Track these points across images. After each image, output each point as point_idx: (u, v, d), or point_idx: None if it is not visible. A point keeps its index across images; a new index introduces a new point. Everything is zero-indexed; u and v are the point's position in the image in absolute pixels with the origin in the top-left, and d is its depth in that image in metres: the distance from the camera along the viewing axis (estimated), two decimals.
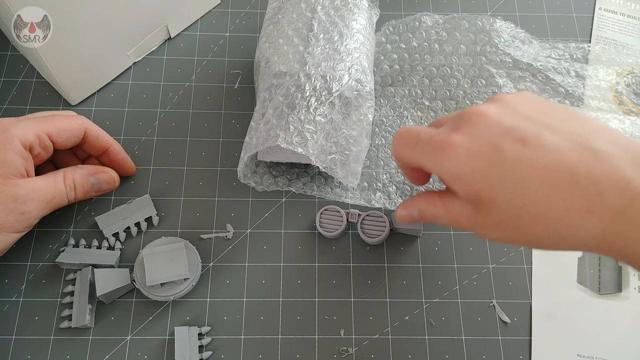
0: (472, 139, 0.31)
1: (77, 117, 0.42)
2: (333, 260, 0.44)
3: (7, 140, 0.38)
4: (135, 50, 0.50)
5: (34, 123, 0.39)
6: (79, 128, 0.41)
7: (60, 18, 0.42)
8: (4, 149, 0.37)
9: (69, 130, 0.41)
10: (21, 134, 0.38)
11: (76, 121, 0.42)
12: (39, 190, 0.39)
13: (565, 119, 0.31)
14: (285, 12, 0.47)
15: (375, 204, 0.46)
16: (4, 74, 0.50)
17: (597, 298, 0.43)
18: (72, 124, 0.41)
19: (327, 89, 0.42)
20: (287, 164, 0.47)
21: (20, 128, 0.38)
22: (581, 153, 0.29)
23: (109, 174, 0.44)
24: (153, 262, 0.41)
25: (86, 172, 0.42)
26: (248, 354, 0.41)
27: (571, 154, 0.29)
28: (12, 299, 0.42)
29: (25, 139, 0.38)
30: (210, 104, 0.50)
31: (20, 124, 0.39)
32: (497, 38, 0.51)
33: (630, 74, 0.51)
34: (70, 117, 0.42)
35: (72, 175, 0.41)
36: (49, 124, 0.40)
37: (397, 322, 0.42)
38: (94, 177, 0.43)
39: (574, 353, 0.41)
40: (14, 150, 0.38)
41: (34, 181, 0.39)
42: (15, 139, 0.38)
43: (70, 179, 0.41)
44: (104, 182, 0.43)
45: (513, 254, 0.44)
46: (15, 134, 0.38)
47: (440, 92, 0.50)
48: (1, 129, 0.38)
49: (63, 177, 0.41)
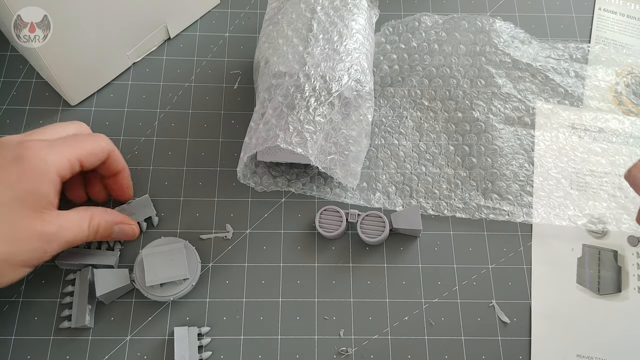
0: None
1: (102, 138, 0.40)
2: (332, 261, 0.44)
3: (44, 170, 0.35)
4: (135, 51, 0.50)
5: (67, 149, 0.37)
6: (104, 151, 0.40)
7: (60, 18, 0.42)
8: (39, 179, 0.34)
9: (96, 155, 0.39)
10: (57, 163, 0.35)
11: (102, 144, 0.40)
12: (66, 229, 0.36)
13: None
14: (284, 12, 0.47)
15: (374, 204, 0.46)
16: (4, 74, 0.50)
17: (596, 298, 0.43)
18: (100, 147, 0.39)
19: (327, 89, 0.42)
20: (287, 165, 0.47)
21: (56, 156, 0.36)
22: None
23: (132, 228, 0.42)
24: (152, 263, 0.41)
25: (113, 219, 0.40)
26: (247, 354, 0.41)
27: None
28: (11, 299, 0.42)
29: (60, 168, 0.36)
30: (209, 104, 0.50)
31: (55, 150, 0.36)
32: (497, 38, 0.51)
33: (629, 74, 0.51)
34: (97, 139, 0.40)
35: (99, 220, 0.39)
36: (80, 149, 0.37)
37: (397, 322, 0.42)
38: (118, 227, 0.41)
39: (573, 353, 0.41)
40: (50, 181, 0.35)
41: (62, 218, 0.36)
42: (52, 168, 0.35)
43: (96, 224, 0.39)
44: (125, 234, 0.42)
45: (513, 255, 0.44)
46: (52, 163, 0.35)
47: (439, 93, 0.50)
48: (37, 157, 0.35)
49: (89, 219, 0.38)
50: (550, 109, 0.49)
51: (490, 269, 0.44)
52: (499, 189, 0.46)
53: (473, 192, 0.46)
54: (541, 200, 0.46)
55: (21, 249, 0.34)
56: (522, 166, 0.47)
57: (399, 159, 0.47)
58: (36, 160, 0.34)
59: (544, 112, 0.49)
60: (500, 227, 0.45)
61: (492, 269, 0.44)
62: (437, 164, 0.47)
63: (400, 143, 0.48)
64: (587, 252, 0.44)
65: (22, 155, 0.34)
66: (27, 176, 0.34)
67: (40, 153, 0.35)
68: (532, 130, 0.48)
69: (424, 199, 0.46)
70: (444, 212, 0.46)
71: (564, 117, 0.49)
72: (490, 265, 0.44)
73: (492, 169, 0.47)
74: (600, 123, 0.49)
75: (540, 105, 0.49)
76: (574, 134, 0.49)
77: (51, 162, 0.35)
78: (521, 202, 0.46)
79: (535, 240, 0.45)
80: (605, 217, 0.45)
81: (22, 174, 0.34)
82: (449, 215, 0.46)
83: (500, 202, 0.46)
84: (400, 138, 0.48)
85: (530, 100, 0.49)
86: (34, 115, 0.49)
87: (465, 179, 0.47)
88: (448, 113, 0.49)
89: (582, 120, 0.49)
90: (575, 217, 0.45)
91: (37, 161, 0.34)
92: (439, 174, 0.47)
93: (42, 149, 0.35)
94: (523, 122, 0.49)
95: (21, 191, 0.33)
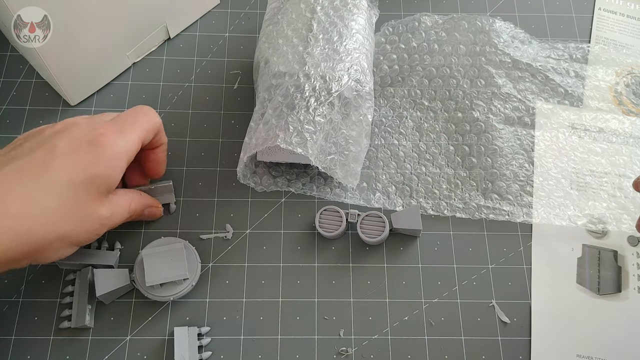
0: None
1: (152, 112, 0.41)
2: (332, 261, 0.44)
3: (116, 158, 0.36)
4: (135, 51, 0.50)
5: (132, 133, 0.38)
6: (157, 126, 0.41)
7: (60, 18, 0.42)
8: (112, 166, 0.36)
9: (153, 131, 0.40)
10: (127, 149, 0.37)
11: (155, 118, 0.40)
12: (115, 214, 0.38)
13: None
14: (284, 12, 0.47)
15: (374, 204, 0.46)
16: (4, 74, 0.50)
17: (596, 298, 0.43)
18: (154, 122, 0.40)
19: (327, 89, 0.42)
20: (287, 165, 0.47)
21: (125, 142, 0.37)
22: None
23: (158, 211, 0.44)
24: (152, 263, 0.41)
25: (144, 203, 0.42)
26: (247, 354, 0.41)
27: None
28: (11, 299, 0.42)
29: (129, 154, 0.37)
30: (209, 105, 0.50)
31: (125, 136, 0.37)
32: (497, 38, 0.51)
33: (629, 74, 0.51)
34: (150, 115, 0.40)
35: (136, 204, 0.41)
36: (141, 129, 0.39)
37: (397, 322, 0.42)
38: (148, 210, 0.43)
39: (573, 353, 0.41)
40: (120, 168, 0.37)
41: (115, 202, 0.38)
42: (123, 155, 0.37)
43: (134, 208, 0.40)
44: (152, 216, 0.44)
45: (513, 255, 0.44)
46: (123, 150, 0.37)
47: (439, 93, 0.50)
48: (111, 145, 0.36)
49: (129, 203, 0.40)
50: (550, 109, 0.49)
51: (490, 269, 0.44)
52: (499, 189, 0.46)
53: (473, 192, 0.46)
54: (541, 200, 0.46)
55: (82, 229, 0.35)
56: (522, 166, 0.47)
57: (399, 159, 0.47)
58: (110, 147, 0.36)
59: (544, 112, 0.49)
60: (500, 227, 0.45)
61: (492, 269, 0.44)
62: (437, 164, 0.47)
63: (400, 143, 0.48)
64: (587, 252, 0.44)
65: (97, 141, 0.35)
66: (101, 163, 0.35)
67: (113, 141, 0.36)
68: (532, 130, 0.48)
69: (424, 199, 0.46)
70: (444, 212, 0.46)
71: (564, 117, 0.49)
72: (490, 265, 0.44)
73: (492, 169, 0.47)
74: (600, 123, 0.49)
75: (540, 105, 0.49)
76: (574, 134, 0.49)
77: (122, 150, 0.36)
78: (521, 202, 0.46)
79: (535, 240, 0.45)
80: (605, 217, 0.45)
81: (96, 159, 0.35)
82: (449, 215, 0.46)
83: (500, 202, 0.46)
84: (400, 138, 0.48)
85: (530, 100, 0.49)
86: (34, 115, 0.49)
87: (465, 179, 0.47)
88: (448, 113, 0.49)
89: (582, 120, 0.49)
90: (575, 217, 0.45)
91: (111, 149, 0.36)
92: (439, 174, 0.47)
93: (114, 136, 0.36)
94: (523, 122, 0.49)
95: (94, 176, 0.35)
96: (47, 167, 0.34)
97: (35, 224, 0.33)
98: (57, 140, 0.35)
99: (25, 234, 0.33)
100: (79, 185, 0.34)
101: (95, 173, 0.35)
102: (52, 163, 0.34)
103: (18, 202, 0.33)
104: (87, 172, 0.35)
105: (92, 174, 0.35)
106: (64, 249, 0.35)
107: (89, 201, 0.35)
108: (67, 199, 0.34)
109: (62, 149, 0.35)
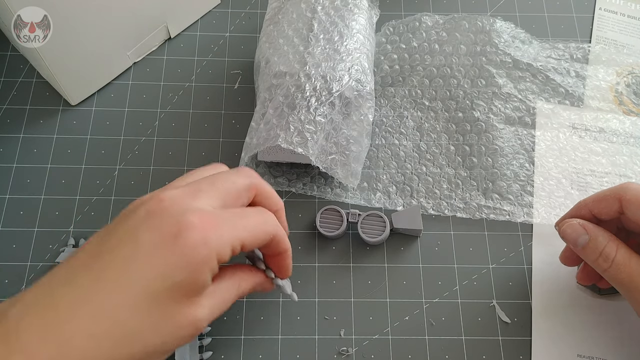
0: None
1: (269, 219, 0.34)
2: (333, 260, 0.44)
3: (205, 259, 0.30)
4: (135, 51, 0.50)
5: (230, 231, 0.31)
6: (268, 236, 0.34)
7: (60, 18, 0.42)
8: (199, 269, 0.30)
9: (260, 239, 0.33)
10: (219, 249, 0.30)
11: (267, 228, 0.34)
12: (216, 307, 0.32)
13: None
14: (285, 12, 0.47)
15: (375, 204, 0.46)
16: (4, 74, 0.50)
17: (597, 298, 0.43)
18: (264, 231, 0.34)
19: (328, 89, 0.42)
20: (288, 165, 0.47)
21: (219, 240, 0.30)
22: None
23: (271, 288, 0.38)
24: None
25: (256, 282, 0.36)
26: (248, 354, 0.41)
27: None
28: None
29: (222, 255, 0.31)
30: (210, 104, 0.50)
31: (219, 232, 0.31)
32: (497, 38, 0.51)
33: (630, 74, 0.51)
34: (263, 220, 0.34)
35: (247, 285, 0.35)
36: (243, 230, 0.32)
37: (397, 322, 0.42)
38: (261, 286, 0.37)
39: (574, 353, 0.41)
40: (210, 269, 0.30)
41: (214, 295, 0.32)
42: (214, 255, 0.30)
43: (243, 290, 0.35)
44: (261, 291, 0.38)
45: (513, 254, 0.44)
46: (214, 249, 0.30)
47: (440, 93, 0.50)
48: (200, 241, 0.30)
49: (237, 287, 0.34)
50: (551, 108, 0.49)
51: (490, 268, 0.44)
52: (499, 189, 0.46)
53: (474, 192, 0.46)
54: (542, 200, 0.46)
55: (174, 339, 0.30)
56: (522, 166, 0.47)
57: (399, 159, 0.47)
58: (198, 245, 0.30)
59: (545, 112, 0.49)
60: (501, 227, 0.45)
61: (492, 268, 0.44)
62: (437, 164, 0.47)
63: (400, 143, 0.48)
64: None
65: (184, 234, 0.29)
66: (183, 268, 0.29)
67: (202, 238, 0.30)
68: (532, 130, 0.48)
69: (425, 199, 0.46)
70: (444, 212, 0.46)
71: (565, 117, 0.49)
72: (491, 265, 0.44)
73: (493, 168, 0.47)
74: (601, 123, 0.49)
75: (540, 105, 0.49)
76: (574, 133, 0.49)
77: (213, 248, 0.30)
78: (522, 202, 0.46)
79: (536, 240, 0.45)
80: None
81: (177, 263, 0.29)
82: (449, 215, 0.45)
83: (501, 202, 0.46)
84: (400, 138, 0.48)
85: (531, 100, 0.49)
86: (34, 115, 0.49)
87: (466, 179, 0.47)
88: (449, 113, 0.49)
89: (582, 120, 0.49)
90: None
91: (199, 248, 0.30)
92: (440, 174, 0.47)
93: (205, 229, 0.30)
94: (524, 122, 0.49)
95: (175, 283, 0.29)
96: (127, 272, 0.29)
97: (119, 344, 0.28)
98: (143, 231, 0.30)
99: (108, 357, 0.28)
100: (159, 294, 0.29)
101: (176, 281, 0.29)
102: (132, 266, 0.29)
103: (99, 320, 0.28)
104: (167, 280, 0.29)
105: (172, 282, 0.29)
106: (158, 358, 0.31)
107: (176, 308, 0.30)
108: (149, 311, 0.29)
109: (145, 244, 0.29)
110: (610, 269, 0.36)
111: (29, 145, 0.47)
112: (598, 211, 0.38)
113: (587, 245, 0.37)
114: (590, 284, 0.42)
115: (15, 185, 0.46)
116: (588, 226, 0.38)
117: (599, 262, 0.37)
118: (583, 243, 0.37)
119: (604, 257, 0.36)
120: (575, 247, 0.38)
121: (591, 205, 0.39)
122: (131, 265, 0.29)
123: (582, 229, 0.37)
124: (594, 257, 0.37)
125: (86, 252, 0.30)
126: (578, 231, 0.38)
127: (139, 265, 0.29)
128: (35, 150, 0.47)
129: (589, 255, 0.37)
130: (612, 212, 0.38)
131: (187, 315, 0.30)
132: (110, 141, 0.48)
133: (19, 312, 0.28)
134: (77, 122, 0.49)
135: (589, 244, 0.37)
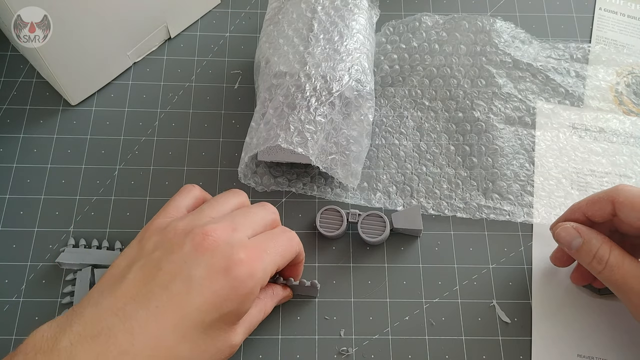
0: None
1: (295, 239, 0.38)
2: (333, 260, 0.44)
3: (250, 291, 0.33)
4: (135, 51, 0.50)
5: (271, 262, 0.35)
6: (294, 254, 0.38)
7: (60, 18, 0.42)
8: (243, 301, 0.33)
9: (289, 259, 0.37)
10: (262, 280, 0.34)
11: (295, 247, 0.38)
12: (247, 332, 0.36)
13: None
14: (285, 12, 0.47)
15: (375, 204, 0.46)
16: (4, 74, 0.50)
17: (596, 298, 0.43)
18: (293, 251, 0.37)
19: (328, 89, 0.42)
20: (288, 164, 0.47)
21: (262, 273, 0.34)
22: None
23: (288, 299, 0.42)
24: None
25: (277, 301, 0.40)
26: (248, 354, 0.41)
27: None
28: (12, 299, 0.42)
29: (263, 284, 0.34)
30: (210, 104, 0.50)
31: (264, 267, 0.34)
32: (497, 38, 0.51)
33: (630, 74, 0.51)
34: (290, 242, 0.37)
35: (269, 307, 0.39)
36: (280, 257, 0.36)
37: (397, 322, 0.42)
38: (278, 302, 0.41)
39: (574, 353, 0.41)
40: (252, 300, 0.34)
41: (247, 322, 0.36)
42: (258, 287, 0.33)
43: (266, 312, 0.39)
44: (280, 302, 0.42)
45: (513, 254, 0.44)
46: (258, 281, 0.33)
47: (440, 92, 0.50)
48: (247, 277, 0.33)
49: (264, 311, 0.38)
50: (551, 108, 0.49)
51: (490, 268, 0.44)
52: (499, 189, 0.46)
53: (474, 192, 0.46)
54: (542, 200, 0.46)
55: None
56: (522, 166, 0.47)
57: (399, 159, 0.47)
58: (246, 279, 0.33)
59: (545, 112, 0.49)
60: (501, 227, 0.45)
61: (492, 268, 0.44)
62: (437, 164, 0.47)
63: (400, 143, 0.48)
64: None
65: (233, 269, 0.32)
66: (234, 299, 0.32)
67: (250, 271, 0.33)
68: (532, 130, 0.48)
69: (425, 199, 0.46)
70: (444, 212, 0.46)
71: (565, 117, 0.49)
72: (491, 265, 0.44)
73: (493, 168, 0.47)
74: (601, 123, 0.49)
75: (540, 105, 0.49)
76: (574, 133, 0.49)
77: (258, 281, 0.33)
78: (522, 202, 0.46)
79: (536, 240, 0.45)
80: None
81: (229, 295, 0.32)
82: (449, 215, 0.45)
83: (501, 202, 0.46)
84: (400, 138, 0.48)
85: (531, 100, 0.49)
86: (34, 115, 0.49)
87: (466, 179, 0.47)
88: (449, 113, 0.49)
89: (582, 120, 0.49)
90: None
91: (247, 281, 0.33)
92: (440, 174, 0.47)
93: (251, 263, 0.33)
94: (524, 122, 0.49)
95: (225, 314, 0.32)
96: (182, 307, 0.31)
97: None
98: (195, 266, 0.32)
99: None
100: (209, 324, 0.32)
101: (227, 311, 0.32)
102: (188, 302, 0.31)
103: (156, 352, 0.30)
104: (219, 310, 0.32)
105: (223, 312, 0.32)
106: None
107: (220, 336, 0.33)
108: (199, 340, 0.32)
109: (199, 280, 0.32)
110: (604, 271, 0.36)
111: (29, 145, 0.47)
112: (591, 214, 0.38)
113: (581, 248, 0.37)
114: (584, 284, 0.42)
115: (15, 185, 0.46)
116: (581, 229, 0.38)
117: (592, 265, 0.37)
118: (577, 246, 0.37)
119: (598, 260, 0.37)
120: (570, 249, 0.38)
121: (585, 207, 0.39)
122: (186, 300, 0.31)
123: (576, 232, 0.38)
124: (588, 260, 0.37)
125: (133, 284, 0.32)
126: (572, 234, 0.38)
127: (192, 300, 0.31)
128: (35, 150, 0.47)
129: (583, 258, 0.37)
130: (606, 215, 0.38)
131: (228, 341, 0.33)
132: (110, 141, 0.48)
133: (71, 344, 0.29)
134: (77, 122, 0.49)
135: (582, 246, 0.37)
